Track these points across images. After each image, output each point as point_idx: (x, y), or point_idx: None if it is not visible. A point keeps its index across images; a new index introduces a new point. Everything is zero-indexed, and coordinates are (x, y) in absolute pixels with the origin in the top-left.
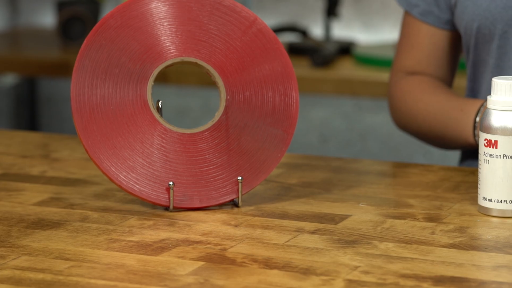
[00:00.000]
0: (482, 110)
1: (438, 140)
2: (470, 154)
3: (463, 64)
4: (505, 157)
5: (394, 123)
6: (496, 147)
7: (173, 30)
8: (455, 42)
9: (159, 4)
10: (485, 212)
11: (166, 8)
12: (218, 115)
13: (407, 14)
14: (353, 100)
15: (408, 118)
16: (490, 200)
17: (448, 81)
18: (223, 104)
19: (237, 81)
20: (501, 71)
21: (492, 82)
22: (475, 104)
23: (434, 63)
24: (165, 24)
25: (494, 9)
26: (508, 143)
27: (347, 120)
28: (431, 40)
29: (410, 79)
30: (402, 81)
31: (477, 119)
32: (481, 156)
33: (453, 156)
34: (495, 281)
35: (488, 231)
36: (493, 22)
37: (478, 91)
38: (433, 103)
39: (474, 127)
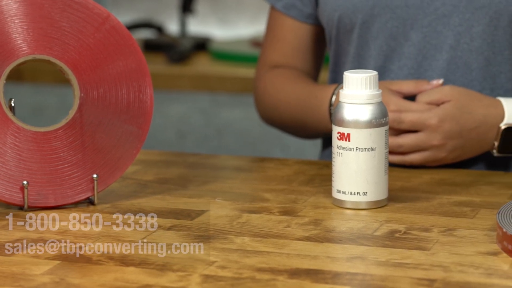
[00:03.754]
0: (337, 94)
1: (301, 129)
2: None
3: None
4: (357, 150)
5: (260, 117)
6: (349, 140)
7: (25, 27)
8: (319, 36)
9: (10, 1)
10: (339, 204)
11: (17, 5)
12: (72, 112)
13: (272, 8)
14: (210, 95)
15: (272, 110)
16: (343, 192)
17: (313, 75)
18: (77, 102)
19: (91, 78)
20: (361, 60)
21: (344, 76)
22: (328, 90)
23: (299, 57)
24: (16, 21)
25: None
26: (360, 136)
27: (204, 115)
28: (295, 33)
29: (273, 72)
30: (266, 75)
31: (332, 103)
32: (335, 149)
33: (310, 150)
34: (349, 272)
35: (342, 223)
36: (354, 12)
37: (339, 82)
38: (292, 92)
39: (330, 114)
